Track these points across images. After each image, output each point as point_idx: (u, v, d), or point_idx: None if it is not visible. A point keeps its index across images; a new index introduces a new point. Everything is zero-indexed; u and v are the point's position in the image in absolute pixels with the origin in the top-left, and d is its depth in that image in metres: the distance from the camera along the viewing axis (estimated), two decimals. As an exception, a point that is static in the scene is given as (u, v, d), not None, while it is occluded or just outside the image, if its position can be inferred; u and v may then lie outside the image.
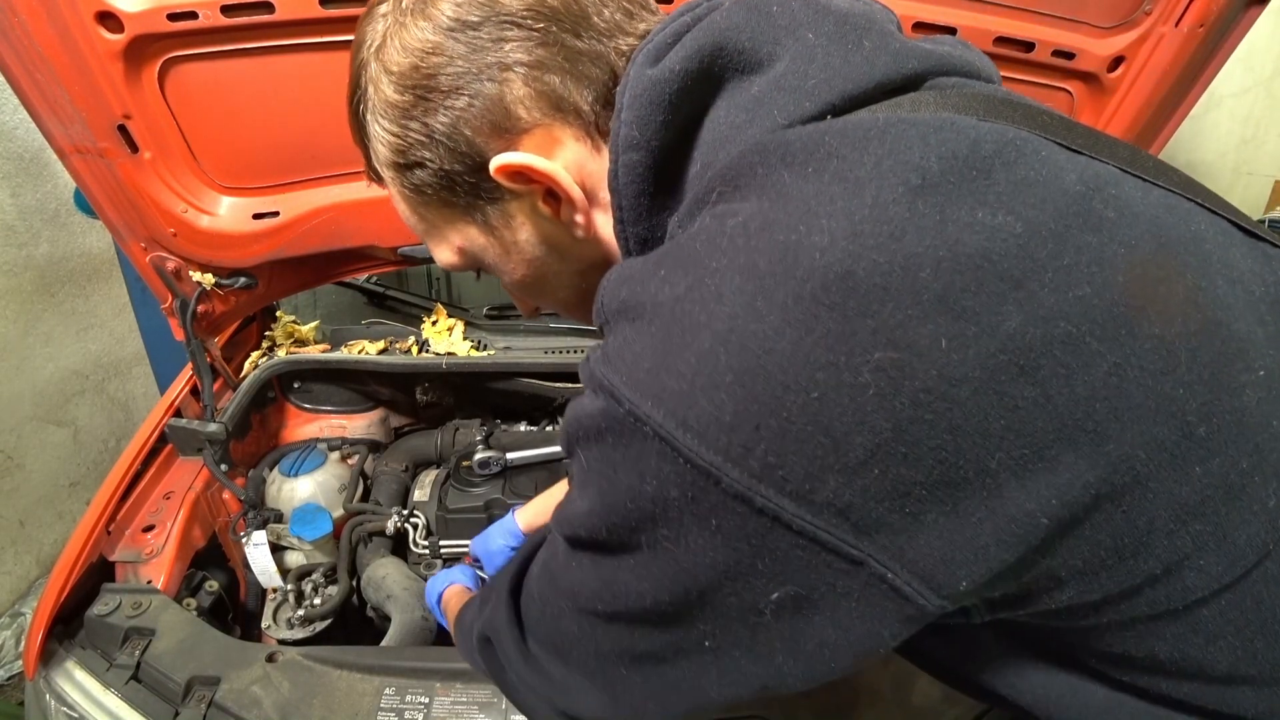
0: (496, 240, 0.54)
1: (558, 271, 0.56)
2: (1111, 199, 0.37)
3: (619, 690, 0.48)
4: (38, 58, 0.84)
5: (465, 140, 0.48)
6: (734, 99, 0.45)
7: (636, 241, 0.49)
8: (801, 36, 0.44)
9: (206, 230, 1.06)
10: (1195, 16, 1.00)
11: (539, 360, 1.36)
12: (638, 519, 0.38)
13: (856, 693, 0.83)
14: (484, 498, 1.23)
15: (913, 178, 0.35)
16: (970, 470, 0.33)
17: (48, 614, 0.87)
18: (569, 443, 0.43)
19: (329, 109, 1.00)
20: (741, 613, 0.39)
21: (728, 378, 0.34)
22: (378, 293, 1.65)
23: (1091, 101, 1.13)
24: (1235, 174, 3.18)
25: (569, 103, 0.48)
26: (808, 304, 0.33)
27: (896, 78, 0.43)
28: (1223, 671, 0.39)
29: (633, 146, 0.45)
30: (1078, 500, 0.34)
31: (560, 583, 0.47)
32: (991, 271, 0.33)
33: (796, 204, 0.36)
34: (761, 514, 0.35)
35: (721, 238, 0.37)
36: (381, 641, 1.01)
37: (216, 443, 1.17)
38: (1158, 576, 0.37)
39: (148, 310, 2.07)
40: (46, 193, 1.91)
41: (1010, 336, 0.33)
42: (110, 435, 2.22)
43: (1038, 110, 0.44)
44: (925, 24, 1.00)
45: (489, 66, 0.47)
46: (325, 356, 1.33)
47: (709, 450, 0.34)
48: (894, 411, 0.33)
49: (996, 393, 0.33)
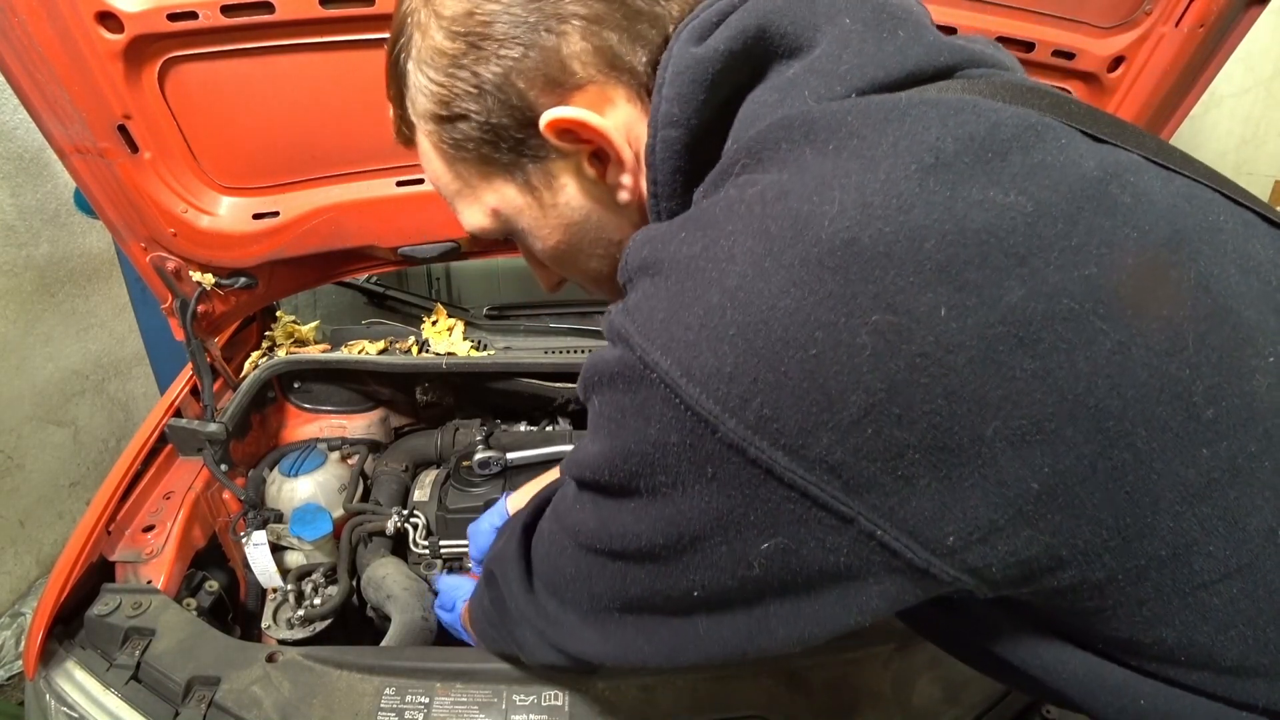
0: (535, 201, 0.53)
1: (594, 239, 0.55)
2: (1129, 185, 0.38)
3: (610, 630, 0.50)
4: (38, 58, 0.84)
5: (517, 92, 0.48)
6: (773, 82, 0.45)
7: (669, 216, 0.49)
8: (839, 22, 0.45)
9: (206, 230, 1.06)
10: (1195, 16, 1.00)
11: (539, 360, 1.36)
12: (639, 463, 0.40)
13: (857, 693, 0.83)
14: (484, 498, 1.23)
15: (927, 157, 0.36)
16: (965, 437, 0.34)
17: (48, 614, 0.87)
18: (585, 389, 0.44)
19: (329, 109, 1.00)
20: (731, 564, 0.41)
21: (731, 331, 0.35)
22: (378, 293, 1.65)
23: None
24: (1235, 174, 3.17)
25: (624, 61, 0.48)
26: (813, 267, 0.34)
27: (929, 69, 0.44)
28: (1233, 661, 0.39)
29: (671, 123, 0.45)
30: (1072, 471, 0.35)
31: (565, 521, 0.50)
32: (997, 247, 0.34)
33: (813, 176, 0.37)
34: (755, 465, 0.36)
35: (740, 204, 0.38)
36: (381, 641, 1.01)
37: (216, 443, 1.17)
38: (1164, 559, 0.37)
39: (148, 310, 2.06)
40: (46, 193, 1.91)
41: (1011, 309, 0.33)
42: (110, 435, 2.22)
43: (1065, 99, 0.44)
44: (925, 24, 1.00)
45: (547, 17, 0.46)
46: (325, 356, 1.33)
47: (709, 399, 0.36)
48: (889, 373, 0.34)
49: (994, 362, 0.33)
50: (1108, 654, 0.43)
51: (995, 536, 0.36)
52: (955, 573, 0.37)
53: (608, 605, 0.50)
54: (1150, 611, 0.39)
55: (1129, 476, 0.35)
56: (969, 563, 0.37)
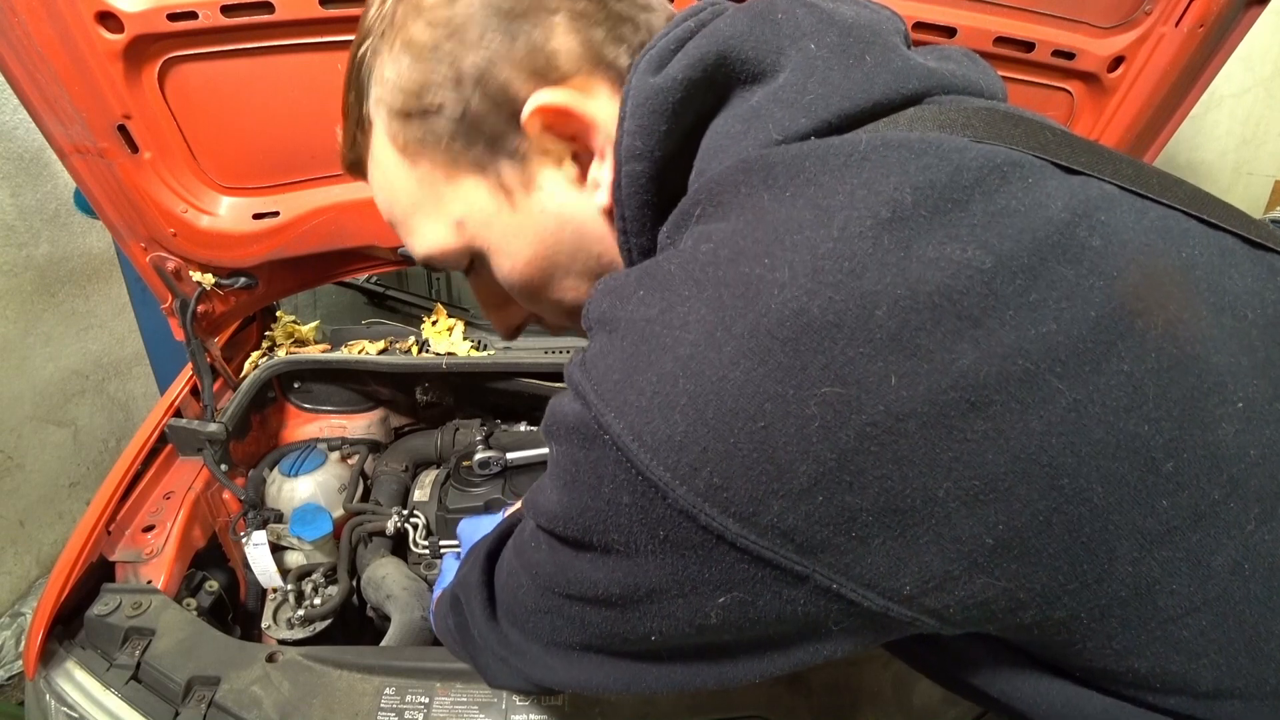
0: (509, 205, 0.50)
1: (571, 254, 0.53)
2: (1099, 226, 0.37)
3: (573, 661, 0.50)
4: (38, 58, 0.84)
5: (499, 82, 0.46)
6: (734, 109, 0.44)
7: (640, 253, 0.49)
8: (804, 47, 0.43)
9: (206, 230, 1.06)
10: (1195, 16, 1.00)
11: (539, 360, 1.36)
12: (593, 519, 0.40)
13: (857, 693, 0.83)
14: (484, 498, 1.23)
15: (883, 210, 0.35)
16: (917, 499, 0.34)
17: (48, 614, 0.87)
18: (546, 434, 0.44)
19: (329, 109, 0.99)
20: (689, 615, 0.40)
21: (683, 400, 0.35)
22: (378, 293, 1.65)
23: (1091, 101, 1.13)
24: (1235, 174, 3.17)
25: (607, 59, 0.47)
26: (763, 338, 0.34)
27: (896, 97, 0.43)
28: (1208, 687, 0.39)
29: (635, 157, 0.45)
30: (1027, 526, 0.35)
31: (523, 558, 0.49)
32: (950, 310, 0.33)
33: (766, 231, 0.36)
34: (706, 530, 0.36)
35: (694, 265, 0.37)
36: (381, 641, 1.01)
37: (216, 443, 1.17)
38: (1126, 599, 0.37)
39: (148, 310, 2.06)
40: (46, 193, 1.91)
41: (963, 374, 0.33)
42: (110, 435, 2.22)
43: (1039, 126, 0.43)
44: (925, 24, 1.00)
45: (534, 9, 0.46)
46: (325, 356, 1.33)
47: (659, 466, 0.35)
48: (838, 443, 0.33)
49: (945, 427, 0.33)
50: (1085, 681, 0.42)
51: (951, 584, 0.36)
52: (913, 614, 0.37)
53: (567, 640, 0.50)
54: (1120, 645, 0.39)
55: (1084, 529, 0.35)
56: (927, 605, 0.37)
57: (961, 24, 1.01)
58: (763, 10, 0.45)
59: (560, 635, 0.49)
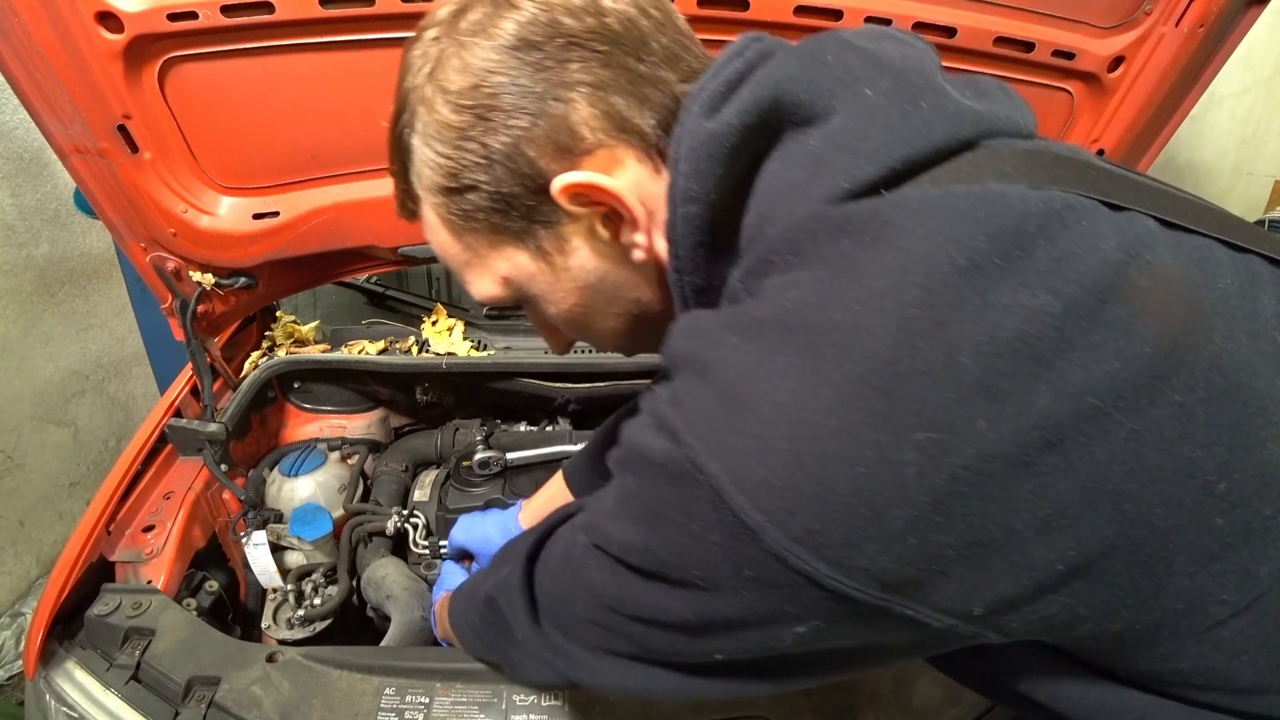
0: (549, 267, 0.53)
1: (610, 299, 0.55)
2: (1146, 266, 0.39)
3: (619, 668, 0.52)
4: (38, 58, 0.84)
5: (527, 160, 0.48)
6: (790, 152, 0.45)
7: (693, 290, 0.50)
8: (859, 92, 0.44)
9: (206, 230, 1.06)
10: (1195, 16, 1.00)
11: (539, 360, 1.36)
12: (675, 554, 0.41)
13: (858, 693, 0.83)
14: (484, 498, 1.23)
15: (961, 259, 0.37)
16: (998, 532, 0.36)
17: (48, 614, 0.87)
18: (621, 466, 0.45)
19: (329, 109, 1.00)
20: (761, 641, 0.42)
21: (781, 445, 0.36)
22: (378, 293, 1.65)
23: (1091, 101, 1.13)
24: (1235, 174, 3.17)
25: (632, 124, 0.48)
26: (858, 386, 0.36)
27: (953, 143, 0.44)
28: (1247, 683, 0.42)
29: (691, 199, 0.46)
30: (1094, 550, 0.37)
31: (580, 574, 0.50)
32: (1028, 354, 0.35)
33: (852, 279, 0.38)
34: (796, 572, 0.37)
35: (784, 313, 0.39)
36: (381, 641, 1.01)
37: (216, 443, 1.17)
38: (1180, 611, 0.40)
39: (148, 310, 2.06)
40: (46, 193, 1.91)
41: (1041, 414, 0.35)
42: (110, 435, 2.22)
43: (1084, 165, 0.45)
44: (925, 24, 1.00)
45: (554, 86, 0.47)
46: (325, 356, 1.33)
47: (755, 509, 0.37)
48: (932, 487, 0.35)
49: (1025, 464, 0.35)
50: (1129, 682, 0.44)
51: (1019, 605, 0.38)
52: (977, 629, 0.39)
53: (618, 649, 0.51)
54: (1167, 649, 0.41)
55: (1146, 549, 0.38)
56: (992, 623, 0.39)
57: (961, 24, 1.01)
58: (812, 53, 0.47)
59: (612, 645, 0.51)
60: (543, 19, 0.46)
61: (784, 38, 0.95)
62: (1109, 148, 1.17)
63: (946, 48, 1.02)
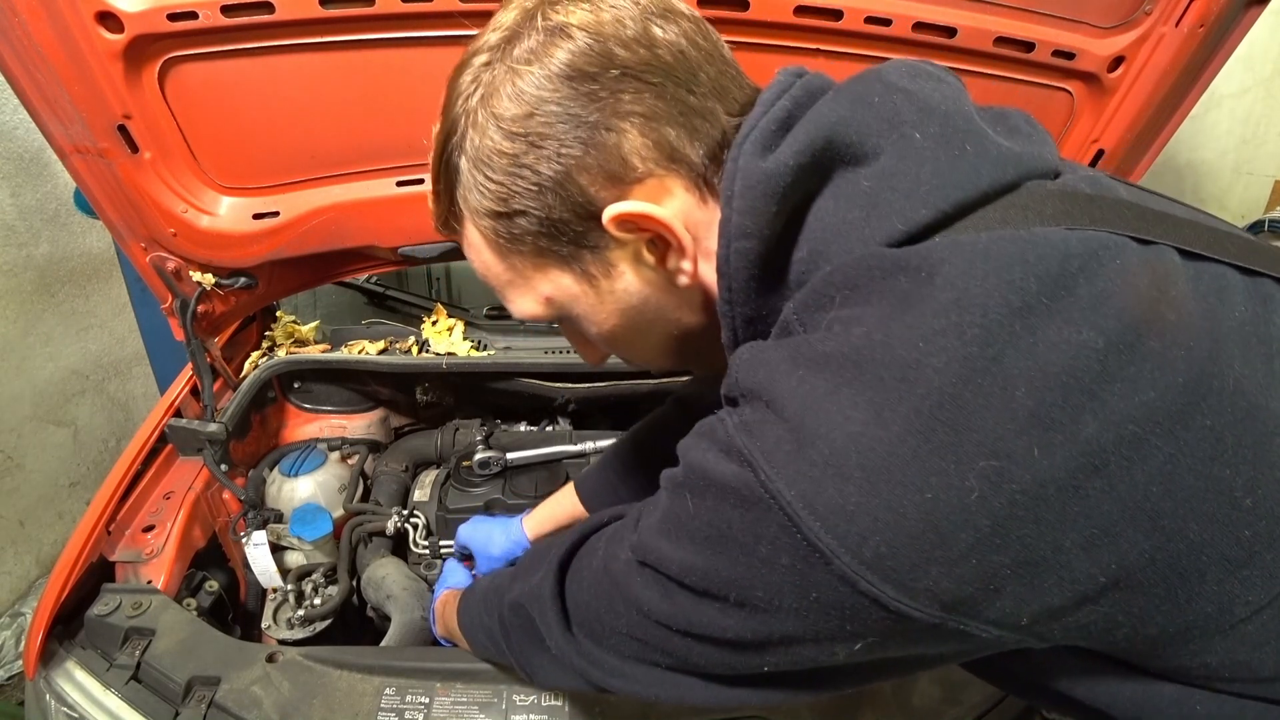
0: (593, 289, 0.54)
1: (652, 320, 0.56)
2: (1173, 301, 0.42)
3: (656, 678, 0.53)
4: (38, 58, 0.84)
5: (578, 188, 0.49)
6: (842, 190, 0.47)
7: (743, 321, 0.51)
8: (908, 135, 0.47)
9: (206, 230, 1.06)
10: (1195, 16, 1.00)
11: (539, 360, 1.36)
12: (738, 576, 0.43)
13: (857, 694, 0.83)
14: (484, 498, 1.23)
15: (1014, 298, 0.39)
16: (1048, 550, 0.39)
17: (48, 614, 0.87)
18: (679, 484, 0.46)
19: (329, 109, 1.00)
20: (814, 655, 0.44)
21: (855, 473, 0.39)
22: (378, 293, 1.65)
23: (1091, 101, 1.13)
24: (1235, 174, 3.17)
25: (681, 154, 0.49)
26: (925, 418, 0.38)
27: (999, 185, 0.47)
28: (1270, 672, 0.45)
29: (745, 235, 0.47)
30: (1135, 563, 0.40)
31: (625, 589, 0.51)
32: (1075, 386, 0.38)
33: (915, 317, 0.40)
34: (863, 595, 0.39)
35: (850, 348, 0.41)
36: (381, 641, 1.01)
37: (216, 443, 1.17)
38: (1210, 614, 0.42)
39: (148, 310, 2.06)
40: (46, 193, 1.91)
41: (1088, 441, 0.38)
42: (110, 435, 2.22)
43: (1114, 203, 0.48)
44: (925, 24, 1.00)
45: (608, 116, 0.47)
46: (325, 356, 1.33)
47: (827, 534, 0.39)
48: (993, 511, 0.38)
49: (1074, 488, 0.38)
50: (1159, 676, 0.47)
51: (1061, 614, 0.41)
52: (1020, 637, 0.42)
53: (658, 661, 0.52)
54: (1196, 646, 0.44)
55: (1181, 561, 0.41)
56: (1036, 631, 0.42)
57: (962, 24, 1.01)
58: (860, 95, 0.49)
59: (651, 657, 0.52)
60: (596, 49, 0.47)
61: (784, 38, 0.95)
62: (1109, 148, 1.17)
63: (946, 48, 1.02)
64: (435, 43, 0.95)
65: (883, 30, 0.99)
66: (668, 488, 0.48)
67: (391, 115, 1.02)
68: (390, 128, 1.03)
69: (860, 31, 0.99)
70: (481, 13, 0.92)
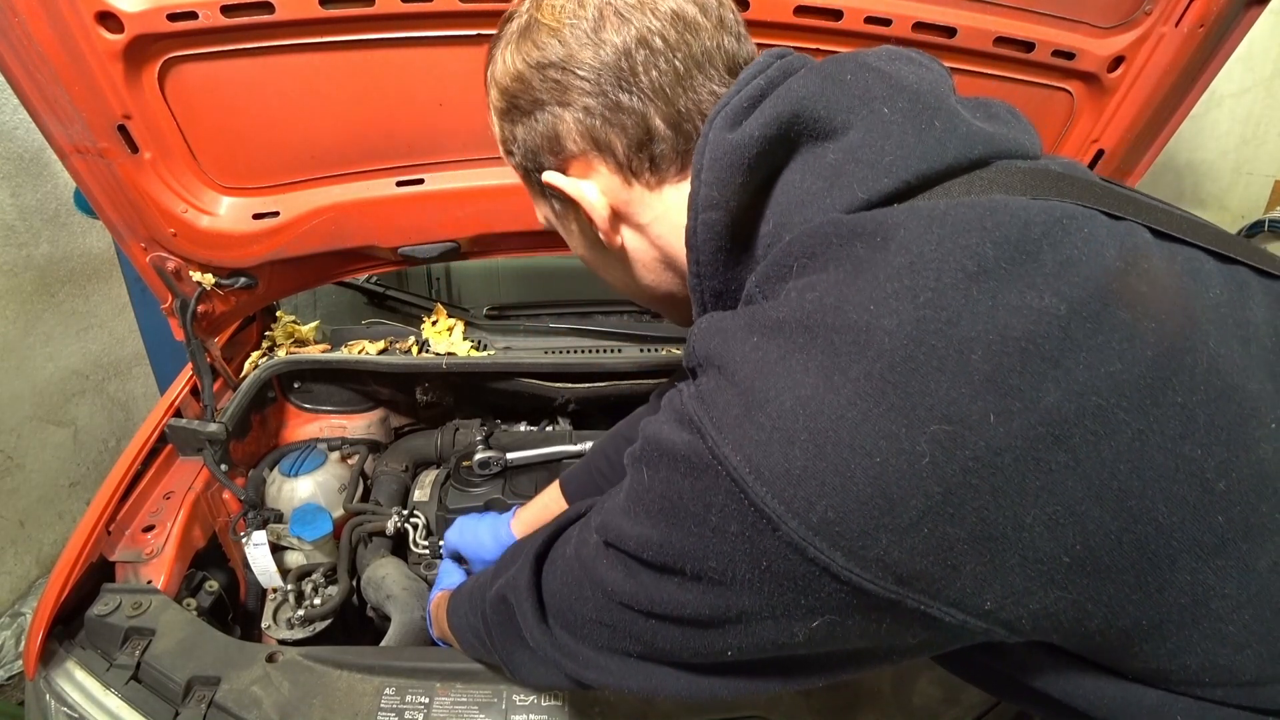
0: (560, 225, 0.65)
1: (605, 262, 0.64)
2: (1145, 274, 0.41)
3: (629, 667, 0.53)
4: (38, 58, 0.84)
5: (533, 150, 0.58)
6: (809, 163, 0.48)
7: (712, 295, 0.53)
8: (876, 110, 0.48)
9: (206, 230, 1.06)
10: (1195, 16, 1.00)
11: (539, 360, 1.36)
12: (691, 547, 0.42)
13: (857, 693, 0.83)
14: (484, 498, 1.23)
15: (970, 263, 0.39)
16: (1008, 526, 0.37)
17: (48, 614, 0.87)
18: (637, 457, 0.47)
19: (329, 109, 1.00)
20: (775, 635, 0.43)
21: (802, 436, 0.38)
22: (378, 293, 1.65)
23: (1091, 101, 1.13)
24: (1235, 174, 3.17)
25: (605, 143, 0.55)
26: (876, 381, 0.37)
27: (965, 161, 0.47)
28: (1251, 676, 0.43)
29: (711, 206, 0.49)
30: (1100, 545, 0.38)
31: (592, 572, 0.51)
32: (1035, 353, 0.37)
33: (868, 281, 0.40)
34: (812, 563, 0.38)
35: (803, 313, 0.41)
36: (381, 641, 1.01)
37: (216, 443, 1.17)
38: (1185, 606, 0.41)
39: (148, 310, 2.06)
40: (46, 193, 1.91)
41: (1049, 410, 0.37)
42: (110, 435, 2.22)
43: (1085, 183, 0.47)
44: (925, 24, 1.00)
45: (553, 103, 0.55)
46: (325, 356, 1.33)
47: (774, 499, 0.38)
48: (945, 477, 0.37)
49: (1034, 459, 0.37)
50: (1139, 679, 0.45)
51: (1027, 598, 0.39)
52: (988, 625, 0.40)
53: (627, 649, 0.52)
54: (1174, 645, 0.42)
55: (1150, 545, 0.39)
56: (1001, 618, 0.40)
57: (962, 24, 1.01)
58: (832, 73, 0.50)
59: (621, 644, 0.52)
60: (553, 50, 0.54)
61: (784, 38, 0.96)
62: (1109, 148, 1.17)
63: (946, 48, 1.02)
64: (435, 43, 0.95)
65: (883, 30, 0.99)
66: (629, 464, 0.49)
67: (391, 115, 1.02)
68: (390, 128, 1.03)
69: (860, 31, 0.99)
70: (481, 13, 0.92)
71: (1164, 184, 3.03)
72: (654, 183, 0.56)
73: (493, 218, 1.16)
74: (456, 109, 1.02)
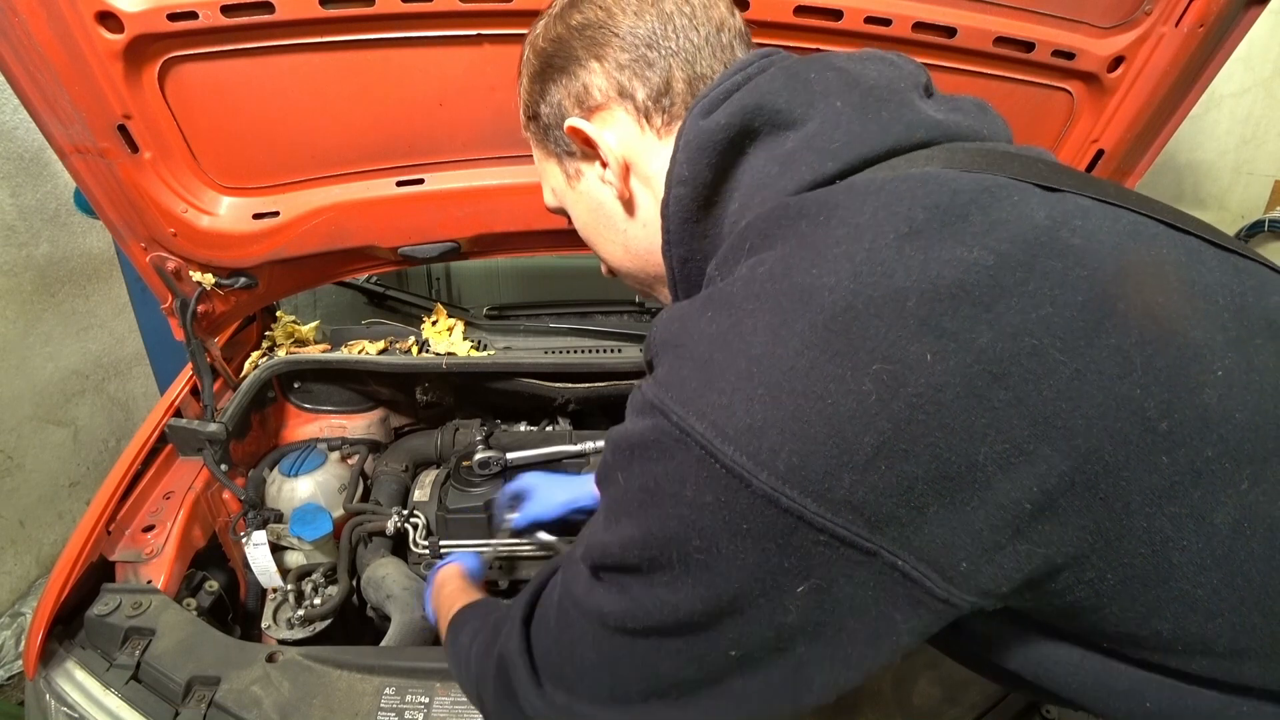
0: (570, 187, 0.68)
1: (607, 228, 0.67)
2: (1078, 229, 0.44)
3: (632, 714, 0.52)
4: (38, 58, 0.84)
5: (558, 102, 0.63)
6: (770, 150, 0.54)
7: (678, 260, 0.59)
8: (831, 104, 0.53)
9: (206, 230, 1.06)
10: (1195, 16, 1.00)
11: (539, 360, 1.36)
12: (672, 530, 0.44)
13: (857, 693, 0.83)
14: (484, 498, 1.23)
15: (902, 226, 0.43)
16: (962, 465, 0.39)
17: (48, 614, 0.87)
18: (609, 469, 0.49)
19: (329, 109, 1.00)
20: (769, 613, 0.44)
21: (759, 391, 0.41)
22: (378, 293, 1.65)
23: (1091, 101, 1.13)
24: (1235, 174, 3.17)
25: (629, 90, 0.61)
26: (820, 331, 0.41)
27: (907, 143, 0.52)
28: (1226, 646, 0.44)
29: (682, 182, 0.55)
30: (1055, 487, 0.40)
31: (584, 606, 0.52)
32: (966, 299, 0.40)
33: (810, 249, 0.44)
34: (787, 513, 0.40)
35: (754, 283, 0.45)
36: (381, 641, 1.01)
37: (216, 443, 1.17)
38: (1146, 555, 0.42)
39: (148, 310, 2.07)
40: (46, 193, 1.91)
41: (983, 350, 0.40)
42: (110, 435, 2.22)
43: (1032, 160, 0.51)
44: (925, 24, 1.00)
45: (589, 58, 0.61)
46: (325, 356, 1.33)
47: (741, 454, 0.40)
48: (893, 413, 0.39)
49: (975, 395, 0.39)
50: (1112, 651, 0.47)
51: (999, 555, 0.41)
52: (971, 598, 0.42)
53: (628, 690, 0.51)
54: (1143, 606, 0.43)
55: (1102, 485, 0.40)
56: (981, 585, 0.42)
57: (962, 24, 1.01)
58: (797, 71, 0.56)
59: (622, 687, 0.52)
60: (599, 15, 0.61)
61: (784, 39, 0.96)
62: (1109, 147, 1.17)
63: (946, 48, 1.02)
64: (435, 43, 0.95)
65: (883, 30, 0.99)
66: (599, 485, 0.51)
67: (391, 115, 1.02)
68: (390, 128, 1.03)
69: (860, 31, 0.99)
70: (481, 13, 0.93)
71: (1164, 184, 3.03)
72: (664, 130, 0.61)
73: (493, 218, 1.16)
74: (457, 109, 1.02)
